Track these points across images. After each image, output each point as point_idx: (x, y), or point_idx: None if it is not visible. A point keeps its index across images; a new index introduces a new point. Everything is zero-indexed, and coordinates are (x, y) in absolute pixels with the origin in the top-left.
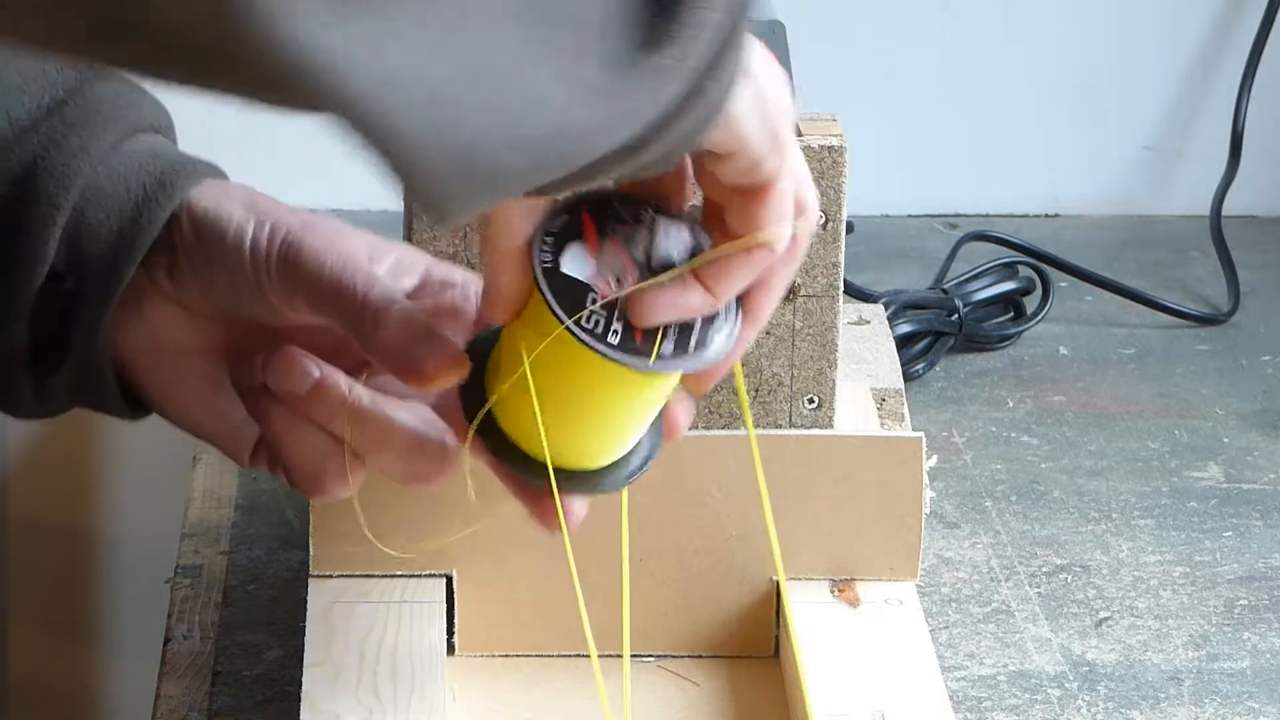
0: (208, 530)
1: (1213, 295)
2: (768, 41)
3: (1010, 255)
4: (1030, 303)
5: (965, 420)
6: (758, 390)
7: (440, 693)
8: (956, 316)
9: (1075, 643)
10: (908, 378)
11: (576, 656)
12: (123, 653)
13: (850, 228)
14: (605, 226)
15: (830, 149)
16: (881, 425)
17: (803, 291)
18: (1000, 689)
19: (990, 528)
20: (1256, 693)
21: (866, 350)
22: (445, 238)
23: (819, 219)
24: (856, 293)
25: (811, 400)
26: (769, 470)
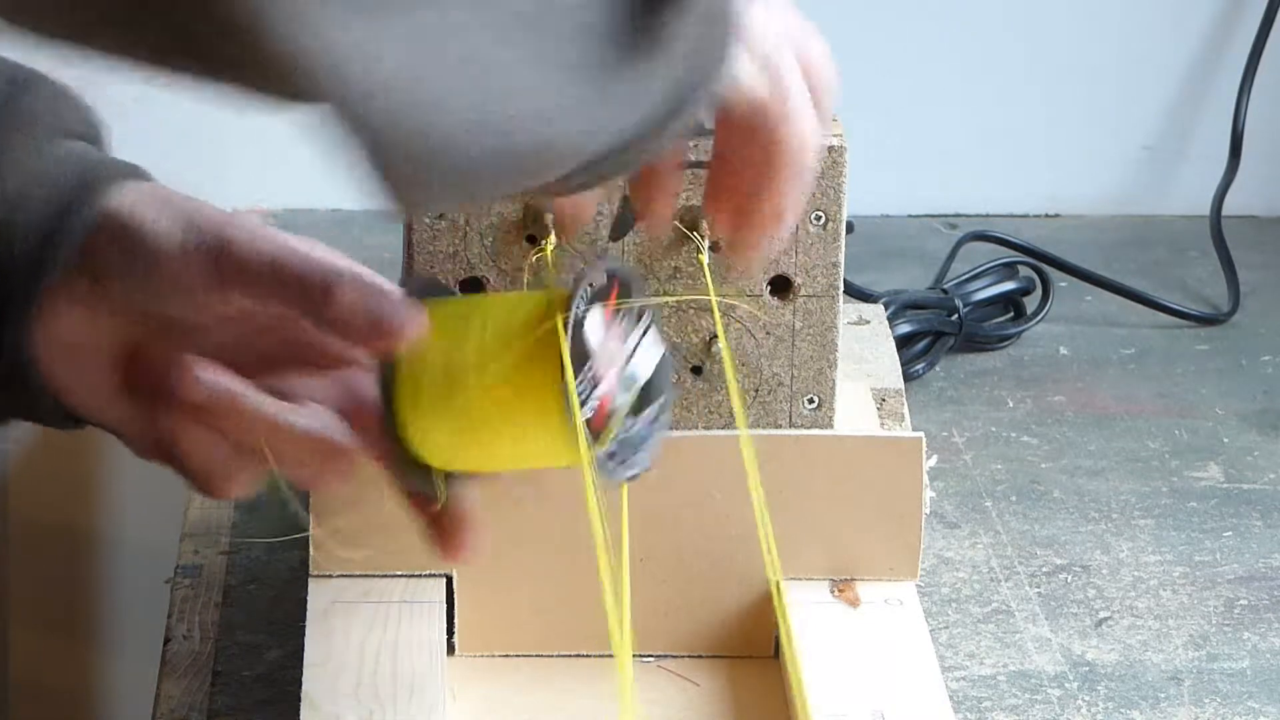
0: (208, 530)
1: (1213, 295)
2: None
3: (1010, 255)
4: (1030, 303)
5: (965, 420)
6: (758, 390)
7: (440, 693)
8: (956, 316)
9: (1075, 643)
10: (908, 378)
11: (576, 656)
12: (123, 653)
13: (850, 228)
14: (619, 308)
15: (830, 149)
16: (881, 425)
17: (803, 291)
18: (1000, 689)
19: (990, 528)
20: (1256, 693)
21: (866, 350)
22: (445, 237)
23: (818, 217)
24: (856, 293)
25: (811, 400)
26: (769, 470)
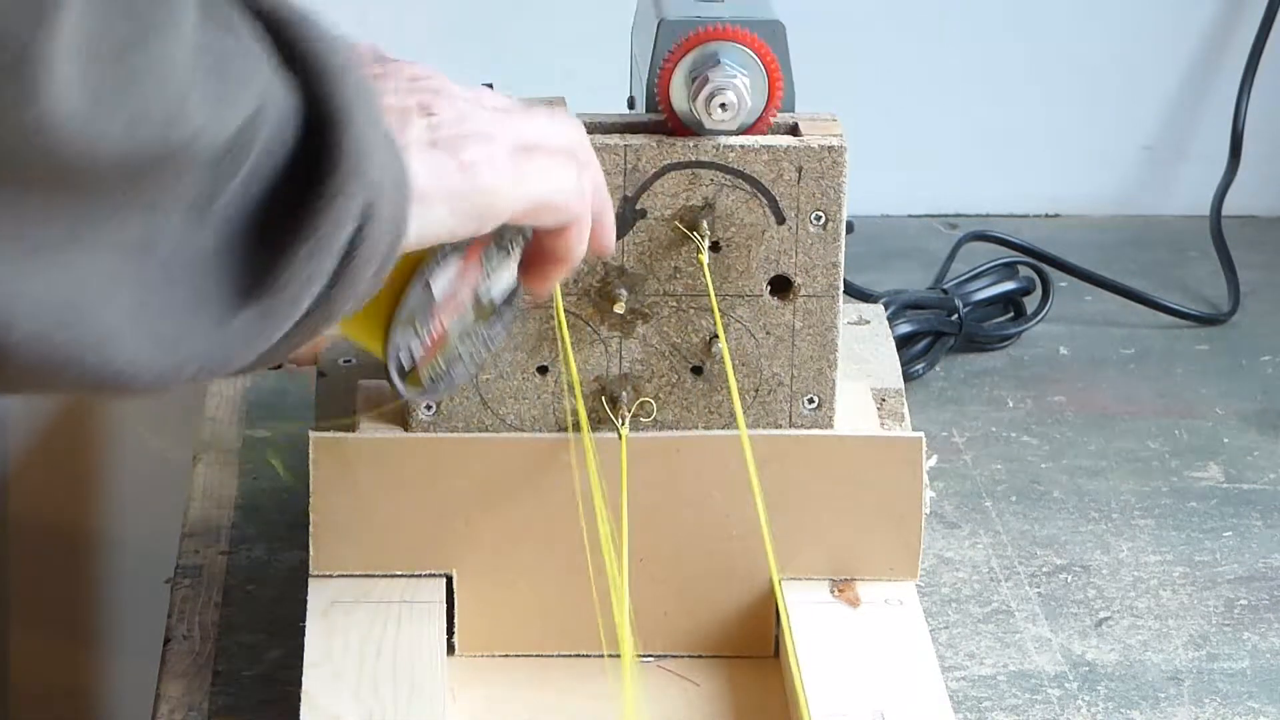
0: (208, 530)
1: (1213, 295)
2: (768, 42)
3: (1010, 255)
4: (1030, 303)
5: (965, 420)
6: (758, 390)
7: (440, 693)
8: (956, 316)
9: (1075, 643)
10: (908, 378)
11: (576, 656)
12: (123, 653)
13: (850, 228)
14: (491, 244)
15: (830, 149)
16: (881, 425)
17: (803, 291)
18: (1000, 689)
19: (990, 528)
20: (1256, 693)
21: (866, 350)
22: None
23: (818, 218)
24: (856, 293)
25: (811, 400)
26: (769, 470)
